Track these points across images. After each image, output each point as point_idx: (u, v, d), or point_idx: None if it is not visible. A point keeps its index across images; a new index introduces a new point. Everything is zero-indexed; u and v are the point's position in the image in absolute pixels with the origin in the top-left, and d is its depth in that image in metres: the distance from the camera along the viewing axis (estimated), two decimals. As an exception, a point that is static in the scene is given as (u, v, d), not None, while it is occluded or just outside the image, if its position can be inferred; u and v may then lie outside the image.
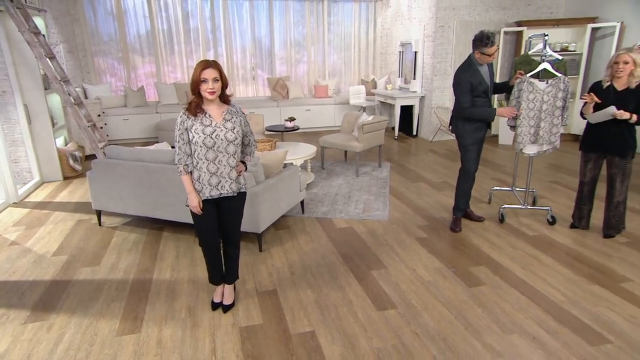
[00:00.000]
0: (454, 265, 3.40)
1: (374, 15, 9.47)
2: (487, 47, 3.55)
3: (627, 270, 3.26)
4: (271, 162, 3.86)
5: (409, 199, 4.92)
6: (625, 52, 3.46)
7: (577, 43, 7.39)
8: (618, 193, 3.70)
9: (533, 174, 5.68)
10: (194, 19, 8.53)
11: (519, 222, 4.20)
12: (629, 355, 2.36)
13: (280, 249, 3.73)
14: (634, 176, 5.46)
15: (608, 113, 3.48)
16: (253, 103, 8.79)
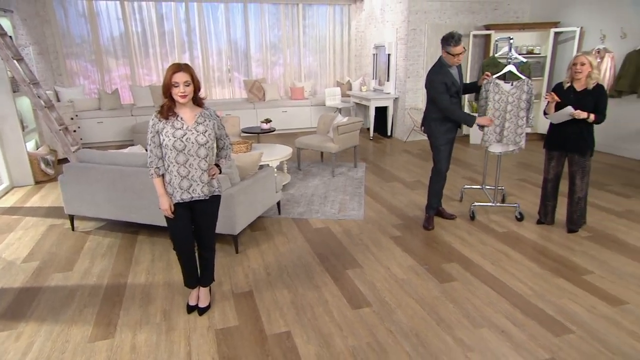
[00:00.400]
0: (426, 263, 3.44)
1: (348, 18, 9.51)
2: (452, 46, 3.59)
3: (589, 263, 3.36)
4: (246, 164, 3.82)
5: (383, 199, 4.95)
6: (582, 55, 3.58)
7: (541, 46, 7.60)
8: (579, 189, 3.81)
9: (502, 172, 5.81)
10: (169, 22, 8.39)
11: (489, 219, 4.28)
12: (589, 344, 2.43)
13: (257, 250, 3.70)
14: (594, 173, 5.65)
15: (566, 113, 3.58)
16: (229, 105, 8.71)
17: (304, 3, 9.12)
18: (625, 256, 3.46)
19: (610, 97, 6.60)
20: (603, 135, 6.86)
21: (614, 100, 6.64)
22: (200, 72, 8.93)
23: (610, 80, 6.61)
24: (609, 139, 6.80)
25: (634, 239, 3.75)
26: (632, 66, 6.25)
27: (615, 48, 6.55)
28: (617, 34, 6.52)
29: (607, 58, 6.58)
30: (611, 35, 6.62)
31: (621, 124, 6.60)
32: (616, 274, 3.19)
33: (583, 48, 7.06)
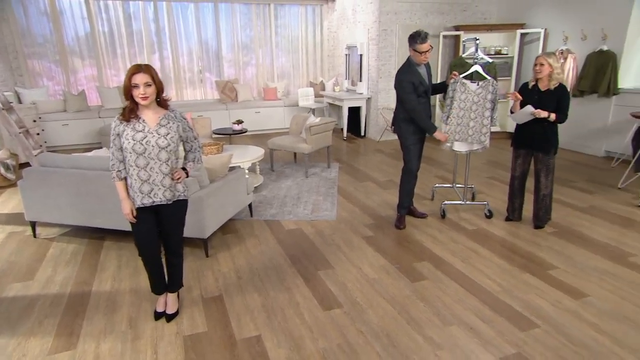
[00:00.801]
0: (398, 262, 3.45)
1: (320, 19, 9.51)
2: (418, 43, 3.62)
3: (554, 258, 3.45)
4: (216, 166, 3.76)
5: (356, 199, 4.96)
6: (542, 56, 3.66)
7: (509, 47, 7.78)
8: (544, 187, 3.91)
9: (472, 171, 5.91)
10: (137, 21, 8.18)
11: (460, 217, 4.34)
12: (553, 338, 2.49)
13: (228, 254, 3.64)
14: (560, 170, 5.82)
15: (527, 112, 3.67)
16: (201, 106, 8.57)
17: (276, 3, 9.06)
18: (588, 250, 3.56)
19: (574, 96, 6.84)
20: (567, 133, 7.08)
21: (577, 99, 6.87)
22: (171, 73, 8.76)
23: (573, 80, 6.82)
24: (573, 137, 7.02)
25: (596, 234, 3.87)
26: (592, 67, 6.46)
27: (577, 49, 6.76)
28: (578, 36, 6.74)
29: (569, 59, 6.78)
30: (573, 37, 6.84)
31: (584, 122, 6.81)
32: (579, 267, 3.28)
33: (547, 49, 7.26)
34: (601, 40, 6.41)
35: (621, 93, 6.27)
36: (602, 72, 6.35)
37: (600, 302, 2.83)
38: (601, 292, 2.95)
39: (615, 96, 6.34)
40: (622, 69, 6.25)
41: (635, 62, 6.29)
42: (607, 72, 6.28)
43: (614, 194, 4.91)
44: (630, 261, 3.36)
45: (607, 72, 6.28)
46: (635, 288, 2.99)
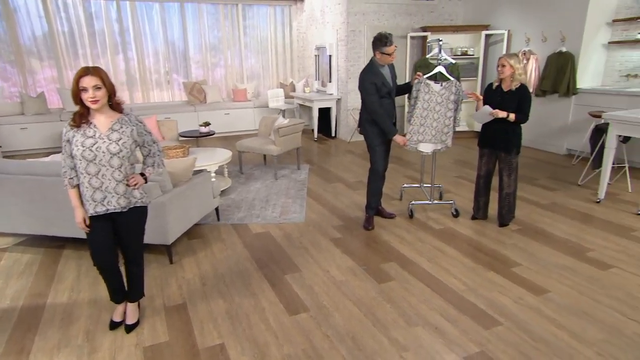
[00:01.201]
0: (365, 263, 3.45)
1: (289, 19, 9.46)
2: (386, 46, 3.64)
3: (518, 255, 3.52)
4: (179, 170, 3.66)
5: (325, 200, 4.94)
6: (504, 57, 3.73)
7: (474, 48, 7.93)
8: (506, 186, 3.99)
9: (440, 170, 5.99)
10: (99, 21, 7.92)
11: (427, 217, 4.38)
12: (515, 334, 2.53)
13: (193, 260, 3.55)
14: (524, 168, 5.97)
15: (486, 112, 3.75)
16: (169, 108, 8.38)
17: (244, 3, 8.96)
18: (550, 247, 3.65)
19: (536, 96, 7.04)
20: (531, 132, 7.28)
21: (540, 99, 7.07)
22: (136, 75, 8.53)
23: (536, 80, 7.01)
24: (536, 135, 7.22)
25: (557, 230, 3.98)
26: (552, 67, 6.66)
27: (538, 50, 6.96)
28: (539, 37, 6.93)
29: (532, 59, 6.97)
30: (534, 38, 7.03)
31: (546, 121, 7.02)
32: (541, 264, 3.36)
33: (511, 50, 7.45)
34: (560, 42, 6.62)
35: (580, 93, 6.48)
36: (562, 73, 6.55)
37: (560, 297, 2.90)
38: (561, 287, 3.03)
39: (574, 96, 6.55)
40: (580, 70, 6.47)
41: (592, 63, 6.52)
42: (566, 72, 6.49)
43: (575, 190, 5.06)
44: (589, 256, 3.47)
45: (567, 72, 6.49)
46: (593, 283, 3.08)
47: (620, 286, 3.02)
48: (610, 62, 6.56)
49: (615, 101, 5.95)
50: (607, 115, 4.40)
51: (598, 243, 3.70)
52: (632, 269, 3.24)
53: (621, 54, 6.40)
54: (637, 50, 6.17)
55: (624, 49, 6.34)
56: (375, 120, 3.82)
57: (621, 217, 4.23)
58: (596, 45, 6.45)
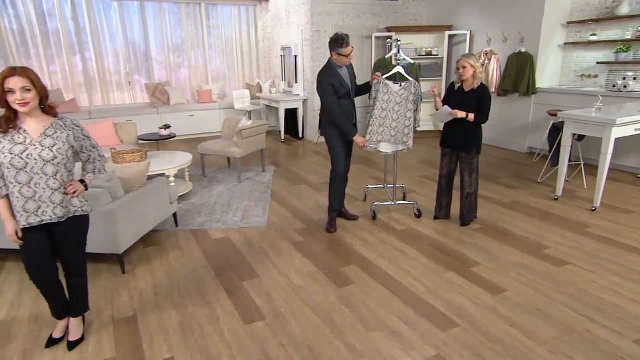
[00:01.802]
0: (326, 267, 3.39)
1: (254, 19, 9.33)
2: (342, 47, 3.60)
3: (477, 254, 3.54)
4: (132, 175, 3.51)
5: (289, 203, 4.87)
6: (462, 59, 3.75)
7: (438, 48, 8.02)
8: (468, 185, 4.02)
9: (405, 170, 6.02)
10: (53, 19, 7.59)
11: (390, 218, 4.37)
12: (471, 336, 2.52)
13: (147, 269, 3.41)
14: (487, 167, 6.06)
15: (445, 112, 3.76)
16: (130, 110, 8.11)
17: (207, 3, 8.78)
18: (509, 245, 3.70)
19: (498, 96, 7.17)
20: (495, 131, 7.41)
21: (501, 98, 7.21)
22: (96, 76, 8.22)
23: (497, 80, 7.15)
24: (499, 134, 7.35)
25: (517, 228, 4.03)
26: (513, 67, 6.80)
27: (499, 50, 7.09)
28: (500, 38, 7.07)
29: (493, 60, 7.10)
30: (495, 39, 7.16)
31: (509, 120, 7.16)
32: (499, 263, 3.39)
33: (474, 50, 7.57)
34: (519, 43, 6.76)
35: (539, 92, 6.64)
36: (522, 73, 6.70)
37: (516, 296, 2.93)
38: (518, 286, 3.05)
39: (534, 95, 6.70)
40: (539, 70, 6.63)
41: (550, 63, 6.69)
42: (526, 72, 6.64)
43: (535, 188, 5.17)
44: (545, 253, 3.52)
45: (526, 72, 6.63)
46: (548, 280, 3.12)
47: (573, 282, 3.08)
48: (566, 62, 6.75)
49: (571, 100, 6.12)
50: (562, 115, 4.50)
51: (555, 240, 3.76)
52: (585, 265, 3.31)
53: (576, 55, 6.59)
54: (590, 51, 6.37)
55: (578, 50, 6.53)
56: (334, 122, 3.78)
57: (577, 214, 4.33)
58: (553, 46, 6.62)
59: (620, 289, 2.99)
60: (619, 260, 3.38)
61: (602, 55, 6.24)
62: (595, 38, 6.20)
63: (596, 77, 6.36)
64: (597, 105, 4.39)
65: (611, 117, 4.13)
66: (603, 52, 6.22)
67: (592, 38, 6.22)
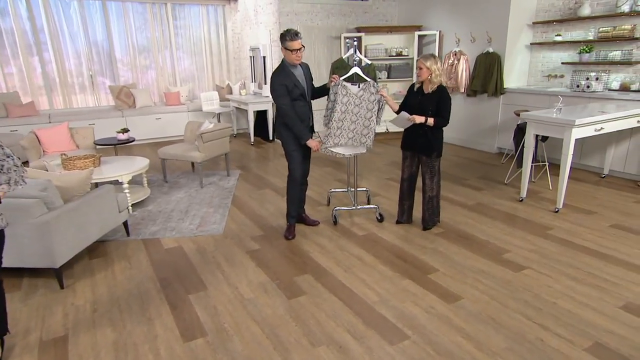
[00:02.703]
0: (278, 277, 3.26)
1: (223, 19, 9.14)
2: (288, 40, 3.45)
3: (436, 260, 3.45)
4: (72, 184, 3.32)
5: (250, 208, 4.72)
6: (420, 59, 3.66)
7: (409, 48, 7.97)
8: (429, 189, 3.94)
9: (372, 172, 5.92)
10: (6, 18, 7.27)
11: (352, 223, 4.26)
12: (420, 349, 2.42)
13: (89, 282, 3.22)
14: (456, 168, 6.01)
15: (404, 118, 3.67)
16: (93, 114, 7.84)
17: (173, 3, 8.55)
18: (469, 250, 3.62)
19: (468, 96, 7.15)
20: (464, 131, 7.39)
21: (471, 99, 7.19)
22: (56, 78, 7.92)
23: (467, 80, 7.12)
24: (469, 134, 7.33)
25: (479, 232, 3.96)
26: (481, 68, 6.79)
27: (468, 51, 7.07)
28: (468, 38, 7.04)
29: (462, 60, 7.07)
30: (464, 39, 7.14)
31: (478, 120, 7.14)
32: (457, 269, 3.30)
33: (443, 50, 7.54)
34: (487, 43, 6.74)
35: (507, 92, 6.63)
36: (490, 73, 6.68)
37: (471, 304, 2.84)
38: (474, 293, 2.97)
39: (502, 95, 6.69)
40: (506, 70, 6.62)
41: (517, 63, 6.69)
42: (494, 72, 6.62)
43: (500, 189, 5.12)
44: (505, 258, 3.45)
45: (494, 72, 6.62)
46: (505, 286, 3.04)
47: (530, 288, 3.01)
48: (533, 62, 6.76)
49: (538, 100, 6.12)
50: (523, 115, 4.46)
51: (515, 244, 3.70)
52: (543, 269, 3.25)
53: (542, 55, 6.60)
54: (556, 51, 6.39)
55: (544, 50, 6.55)
56: (287, 124, 3.65)
57: (540, 216, 4.29)
58: (520, 46, 6.62)
59: (574, 293, 2.93)
60: (576, 264, 3.33)
61: (567, 56, 6.26)
62: (560, 38, 6.21)
63: (562, 77, 6.38)
64: (557, 105, 4.36)
65: (571, 117, 4.10)
66: (568, 52, 6.25)
67: (557, 38, 6.23)
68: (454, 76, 7.23)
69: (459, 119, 7.45)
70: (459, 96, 7.41)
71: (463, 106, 7.37)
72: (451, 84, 7.33)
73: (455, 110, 7.52)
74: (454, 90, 7.36)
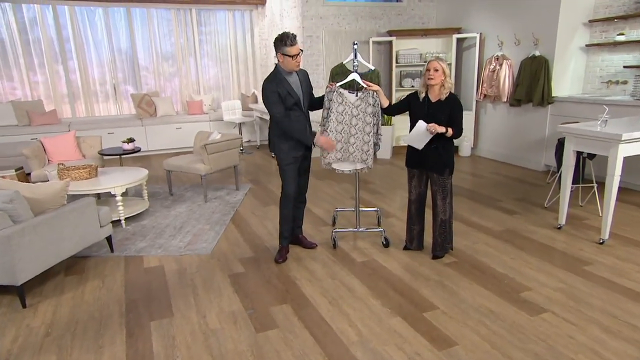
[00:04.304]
0: (253, 306, 3.09)
1: (250, 25, 9.26)
2: (287, 46, 3.33)
3: (438, 295, 3.14)
4: (46, 195, 3.36)
5: (248, 226, 4.61)
6: (435, 59, 3.42)
7: (447, 54, 7.63)
8: (441, 211, 3.63)
9: (393, 190, 5.65)
10: (35, 28, 7.75)
11: (354, 247, 4.02)
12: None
13: (54, 302, 3.21)
14: (491, 188, 5.59)
15: (422, 129, 3.37)
16: (114, 122, 8.16)
17: (199, 8, 8.78)
18: (481, 285, 3.27)
19: (511, 106, 6.72)
20: (507, 146, 6.94)
21: (514, 109, 6.74)
22: (79, 86, 8.33)
23: (510, 88, 6.69)
24: (512, 149, 6.86)
25: (498, 264, 3.59)
26: (526, 74, 6.34)
27: (512, 55, 6.65)
28: (512, 41, 6.62)
29: (505, 65, 6.66)
30: (508, 42, 6.73)
31: (523, 133, 6.66)
32: (461, 307, 2.98)
33: (484, 55, 7.15)
34: (533, 45, 6.30)
35: (556, 102, 6.14)
36: (536, 79, 6.23)
37: (465, 353, 2.52)
38: (473, 339, 2.64)
39: (550, 105, 6.20)
40: (556, 76, 6.14)
41: (570, 67, 6.19)
42: (540, 78, 6.16)
43: (538, 214, 4.68)
44: (522, 297, 3.08)
45: (541, 78, 6.16)
46: (514, 332, 2.69)
47: (545, 337, 2.63)
48: (590, 67, 6.22)
49: (593, 111, 5.57)
50: (561, 128, 4.04)
51: (540, 280, 3.30)
52: (567, 314, 2.85)
53: (601, 58, 6.06)
54: (618, 53, 5.84)
55: (603, 52, 6.01)
56: (286, 132, 3.52)
57: (579, 247, 3.84)
58: (573, 49, 6.13)
59: (603, 349, 2.52)
60: (613, 310, 2.89)
61: (631, 58, 5.69)
62: (623, 38, 5.66)
63: (625, 83, 5.81)
64: (602, 117, 3.91)
65: (617, 131, 3.65)
66: (632, 54, 5.68)
67: (620, 38, 5.68)
68: (496, 84, 6.82)
69: (501, 132, 7.01)
70: (501, 106, 6.98)
71: (506, 117, 6.92)
72: (492, 92, 6.92)
73: (498, 121, 7.10)
74: (495, 99, 6.94)
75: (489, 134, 7.31)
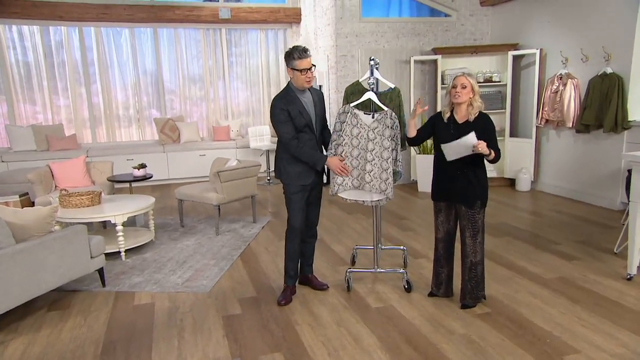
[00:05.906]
0: (241, 354, 3.00)
1: (284, 45, 9.52)
2: (296, 59, 3.36)
3: (461, 353, 2.91)
4: (29, 222, 3.49)
5: (257, 263, 4.57)
6: (463, 75, 3.33)
7: (502, 73, 7.45)
8: (471, 252, 3.43)
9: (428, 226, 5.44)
10: (60, 51, 8.36)
11: (371, 290, 3.87)
12: None
13: (28, 340, 3.27)
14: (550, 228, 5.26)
15: (469, 142, 3.16)
16: (134, 148, 8.53)
17: (229, 27, 9.14)
18: (516, 343, 3.01)
19: (577, 132, 6.39)
20: (574, 179, 6.58)
21: (582, 136, 6.40)
22: (102, 111, 8.82)
23: (577, 112, 6.37)
24: (582, 184, 6.47)
25: (542, 318, 3.31)
26: (596, 94, 6.03)
27: (578, 73, 6.37)
28: (578, 57, 6.36)
29: (569, 85, 6.38)
30: (574, 58, 6.47)
31: (593, 165, 6.28)
32: (485, 369, 2.74)
33: (545, 74, 6.91)
34: (604, 61, 6.01)
35: (633, 127, 5.76)
36: (608, 101, 5.90)
37: None
38: (494, 408, 2.40)
39: (626, 131, 5.83)
40: (632, 97, 5.78)
41: (648, 87, 5.83)
42: (612, 100, 5.83)
43: (604, 261, 4.33)
44: (565, 361, 2.79)
45: (614, 100, 5.82)
46: (547, 404, 2.42)
47: (586, 413, 2.35)
48: (675, 86, 5.83)
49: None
50: (626, 156, 3.76)
51: (593, 342, 3.00)
52: (619, 386, 2.55)
53: (689, 76, 5.67)
54: None
55: (690, 69, 5.62)
56: (294, 154, 3.49)
57: (650, 302, 3.48)
58: (652, 65, 5.78)
59: None
60: (682, 383, 2.56)
61: None
62: None
63: None
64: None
65: (694, 159, 3.34)
66: None
67: None
68: (559, 106, 6.53)
69: (566, 163, 6.66)
70: (565, 132, 6.66)
71: (572, 146, 6.58)
72: (555, 116, 6.63)
73: (562, 150, 6.78)
74: (559, 125, 6.64)
75: (552, 165, 6.96)
